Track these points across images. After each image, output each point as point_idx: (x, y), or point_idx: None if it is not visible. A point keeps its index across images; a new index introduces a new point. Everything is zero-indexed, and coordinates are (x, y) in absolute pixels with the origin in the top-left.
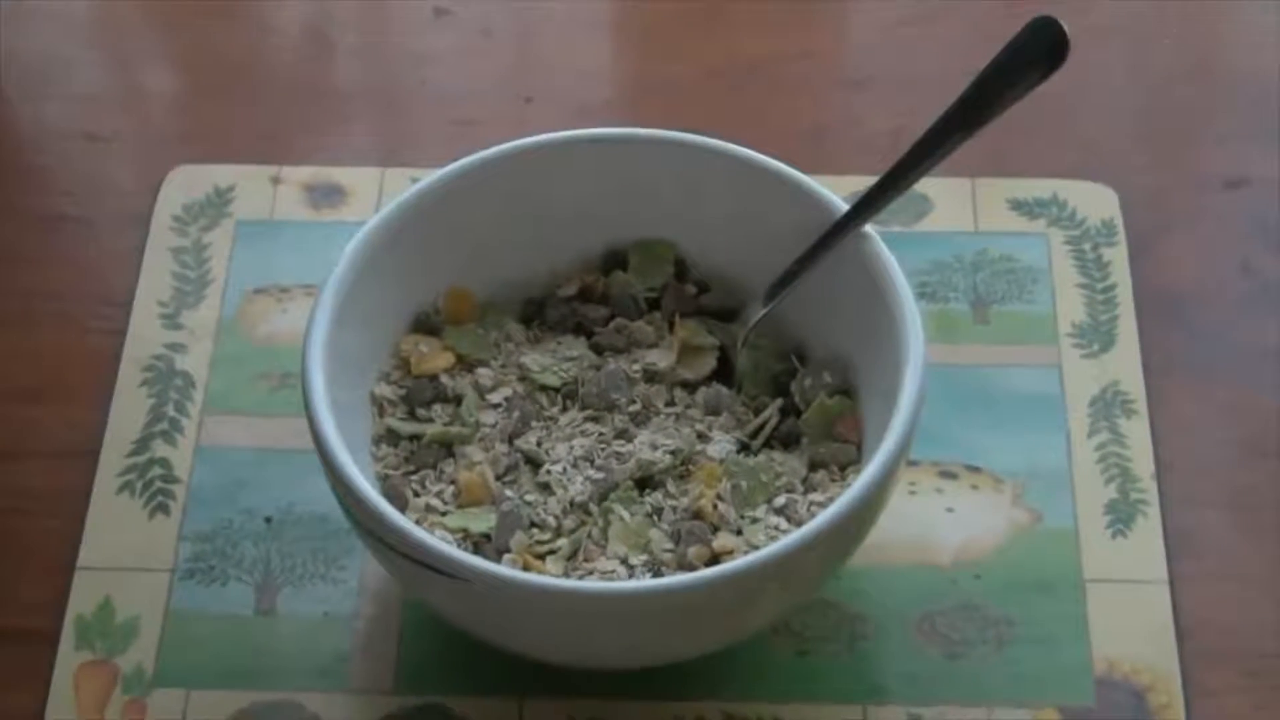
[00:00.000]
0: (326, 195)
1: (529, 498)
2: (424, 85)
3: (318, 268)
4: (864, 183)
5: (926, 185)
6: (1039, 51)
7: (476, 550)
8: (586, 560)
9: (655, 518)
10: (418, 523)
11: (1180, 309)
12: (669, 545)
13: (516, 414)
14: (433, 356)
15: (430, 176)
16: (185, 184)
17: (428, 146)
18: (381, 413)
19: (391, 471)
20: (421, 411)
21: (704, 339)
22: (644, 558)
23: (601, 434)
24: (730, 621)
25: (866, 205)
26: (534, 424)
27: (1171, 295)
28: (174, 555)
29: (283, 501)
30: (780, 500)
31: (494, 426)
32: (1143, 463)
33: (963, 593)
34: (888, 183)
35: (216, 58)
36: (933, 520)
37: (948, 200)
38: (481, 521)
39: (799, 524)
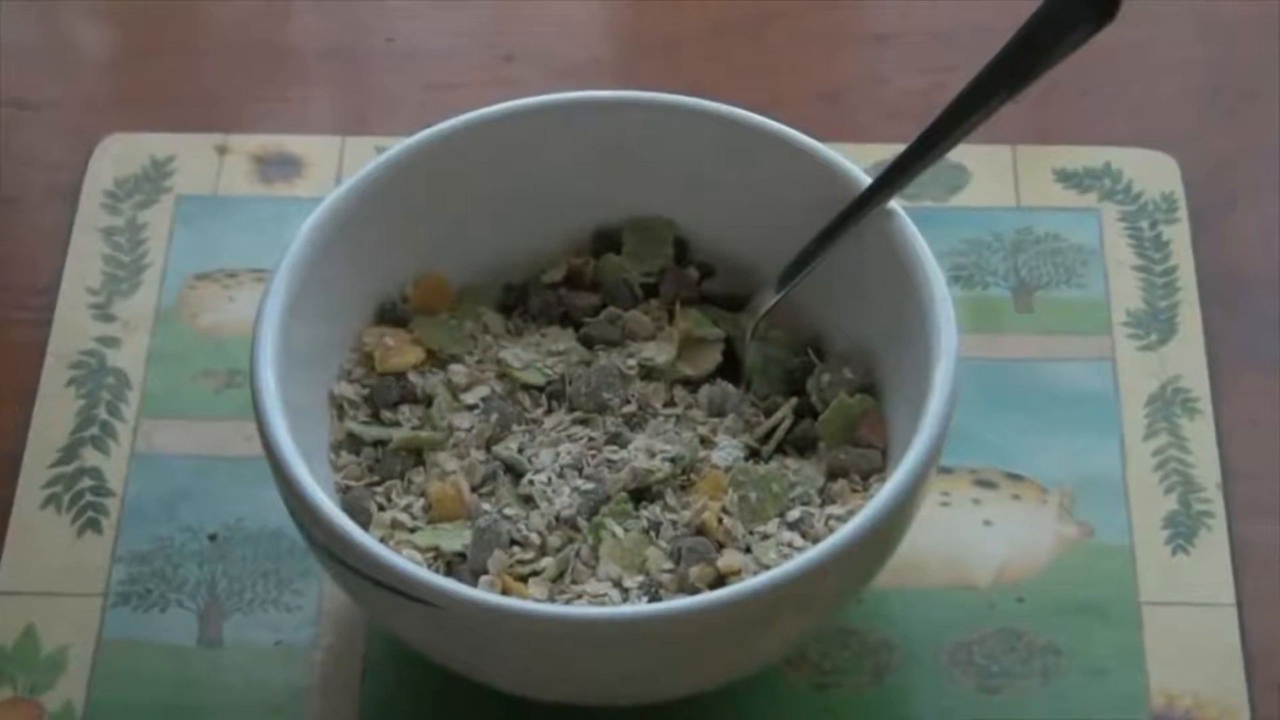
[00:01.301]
0: (279, 167)
1: (509, 512)
2: (390, 43)
3: (269, 250)
4: (890, 151)
5: (961, 154)
6: (1089, 1)
7: (449, 572)
8: (575, 582)
9: (652, 534)
10: (383, 540)
11: (1249, 294)
12: (668, 565)
13: (495, 416)
14: (400, 351)
15: (397, 146)
16: (118, 155)
17: (394, 112)
18: (342, 415)
19: (353, 482)
20: (387, 414)
21: (708, 330)
22: (640, 579)
23: (591, 439)
24: (738, 652)
25: (893, 177)
26: (515, 428)
27: (1239, 279)
28: (106, 578)
29: (229, 517)
30: (794, 513)
31: (469, 431)
32: (1207, 469)
33: (1003, 618)
34: (917, 151)
35: (153, 11)
36: (968, 535)
37: (986, 171)
38: (455, 539)
39: (815, 540)
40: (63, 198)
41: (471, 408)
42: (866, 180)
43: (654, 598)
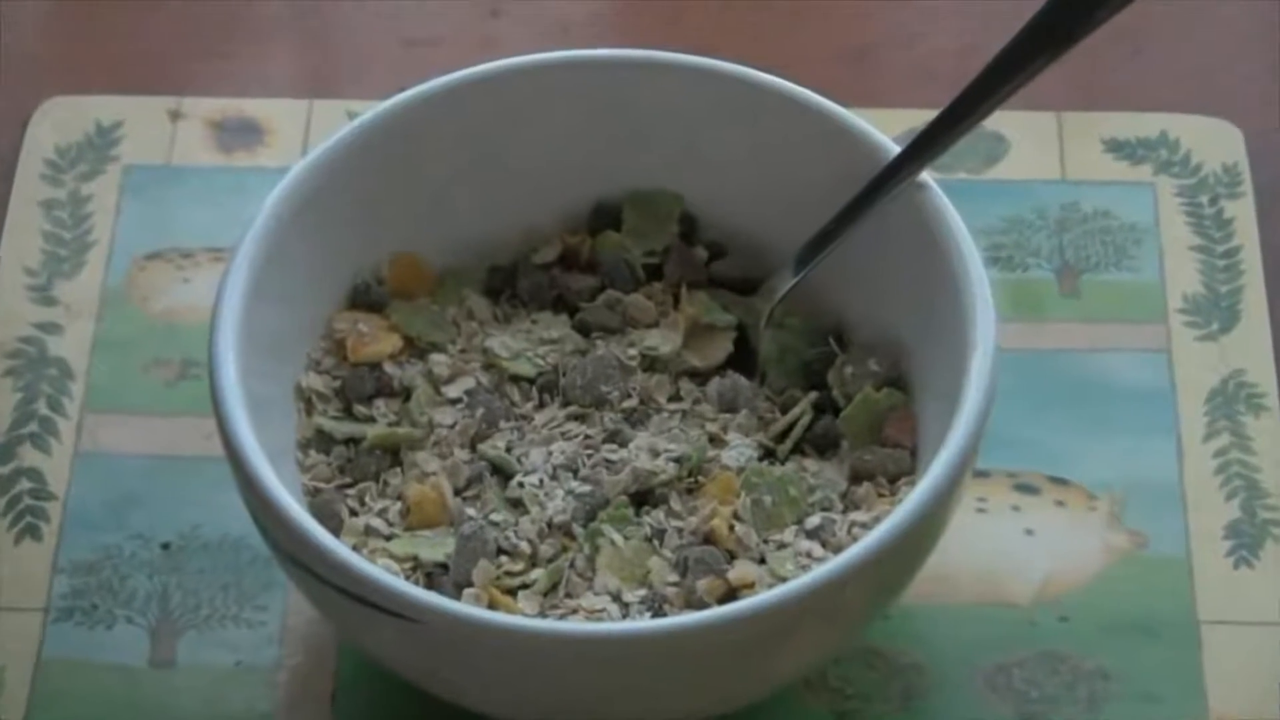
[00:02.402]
0: (239, 134)
1: (496, 517)
2: None
3: (229, 226)
4: (921, 118)
5: (1000, 121)
6: None
7: (430, 584)
8: (569, 596)
9: (656, 543)
10: (355, 549)
11: None
12: (673, 577)
13: (481, 412)
14: (375, 339)
15: (371, 111)
16: (59, 120)
17: (368, 73)
18: (310, 410)
19: (322, 484)
20: (360, 409)
21: (718, 316)
22: (642, 592)
23: (588, 437)
24: (750, 673)
25: (924, 147)
26: (503, 424)
27: None
28: (46, 591)
29: (184, 523)
30: (814, 520)
31: (452, 428)
32: (1273, 473)
33: (1045, 638)
34: (951, 118)
35: None
36: (1007, 546)
37: (1027, 140)
38: (436, 548)
39: (837, 550)
40: None
41: (454, 402)
42: (895, 149)
43: (657, 613)
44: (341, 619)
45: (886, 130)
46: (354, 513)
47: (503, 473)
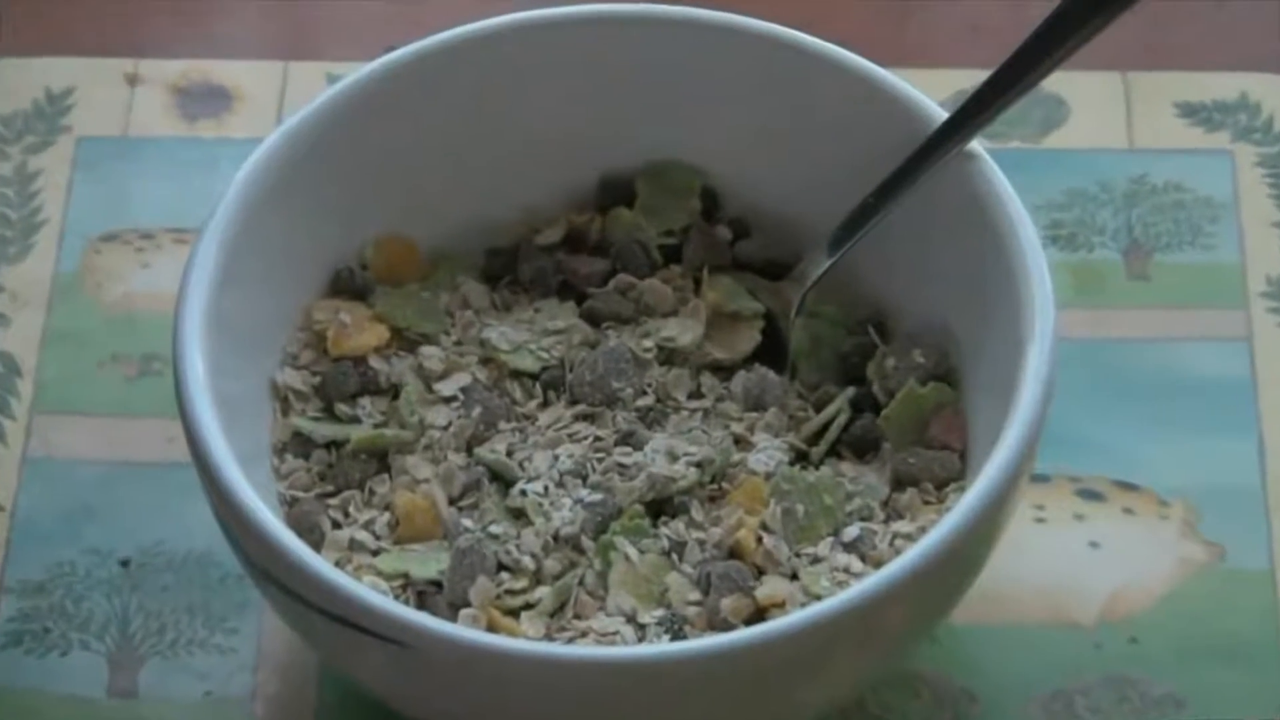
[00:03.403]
0: (206, 101)
1: (496, 529)
2: None
3: (194, 204)
4: (970, 79)
5: (1058, 83)
6: None
7: (422, 604)
8: (578, 617)
9: (675, 557)
10: (338, 565)
11: None
12: (694, 595)
13: (478, 411)
14: (359, 330)
15: (354, 75)
16: (3, 86)
17: (350, 32)
18: (287, 410)
19: (301, 493)
20: (343, 408)
21: (743, 304)
22: (659, 613)
23: (598, 439)
24: (780, 702)
25: (973, 112)
26: (502, 425)
27: None
28: None
29: (146, 537)
30: (852, 531)
31: (446, 429)
32: None
33: (1112, 661)
34: (1003, 79)
35: None
36: (1069, 560)
37: (1090, 104)
38: (428, 563)
39: (878, 565)
40: None
41: (448, 400)
42: (941, 115)
43: (676, 636)
44: (323, 643)
45: (932, 93)
46: (336, 525)
47: (503, 480)
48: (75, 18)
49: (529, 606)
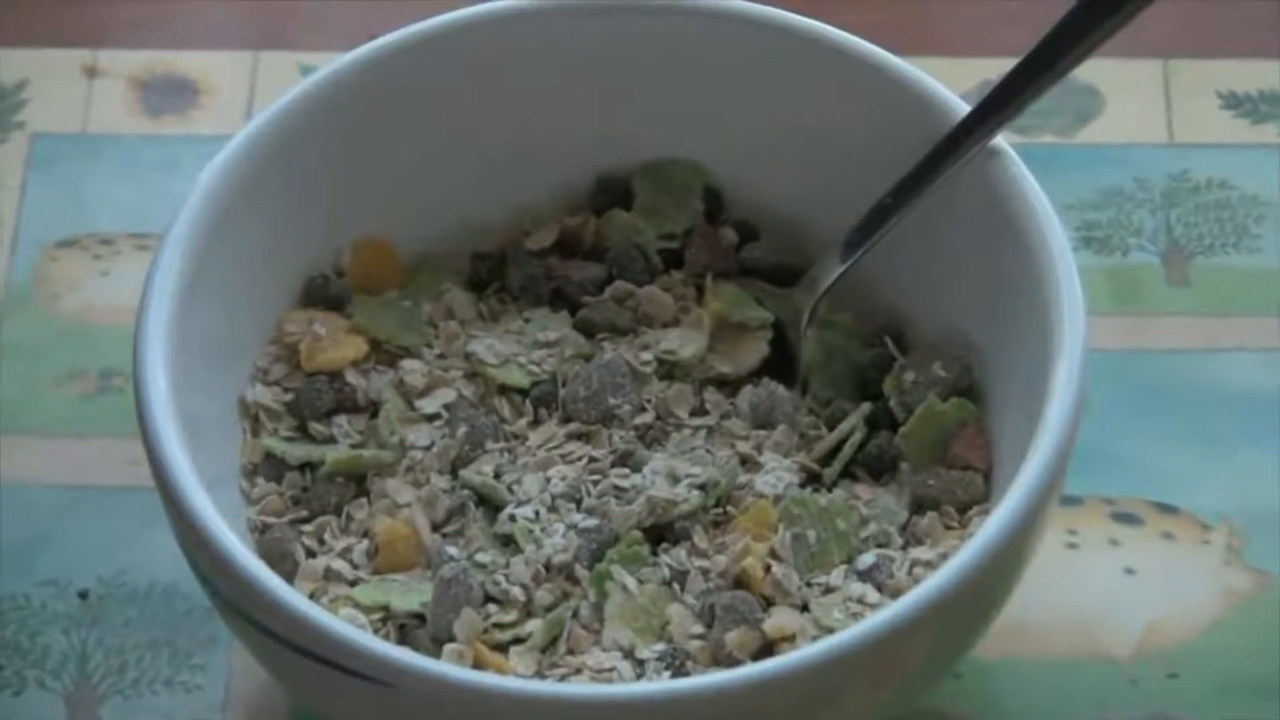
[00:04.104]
0: (170, 95)
1: (483, 558)
2: None
3: (157, 207)
4: (995, 69)
5: (1091, 71)
6: None
7: (403, 638)
8: (571, 652)
9: (676, 587)
10: (313, 596)
11: None
12: (697, 628)
13: (463, 430)
14: (334, 343)
15: (329, 66)
16: None
17: (325, 20)
18: (257, 430)
19: (273, 519)
20: (318, 427)
21: (750, 313)
22: (659, 647)
23: (593, 460)
24: None
25: (998, 105)
26: (490, 445)
27: None
28: None
29: (106, 567)
30: (867, 559)
31: (429, 450)
32: None
33: (1150, 698)
34: (1031, 68)
35: None
36: (1103, 589)
37: (1126, 94)
38: (410, 595)
39: (895, 595)
40: None
41: (431, 418)
42: (964, 108)
43: (678, 672)
44: (297, 682)
45: (954, 84)
46: (311, 553)
47: (490, 504)
48: (29, 4)
49: (518, 641)
